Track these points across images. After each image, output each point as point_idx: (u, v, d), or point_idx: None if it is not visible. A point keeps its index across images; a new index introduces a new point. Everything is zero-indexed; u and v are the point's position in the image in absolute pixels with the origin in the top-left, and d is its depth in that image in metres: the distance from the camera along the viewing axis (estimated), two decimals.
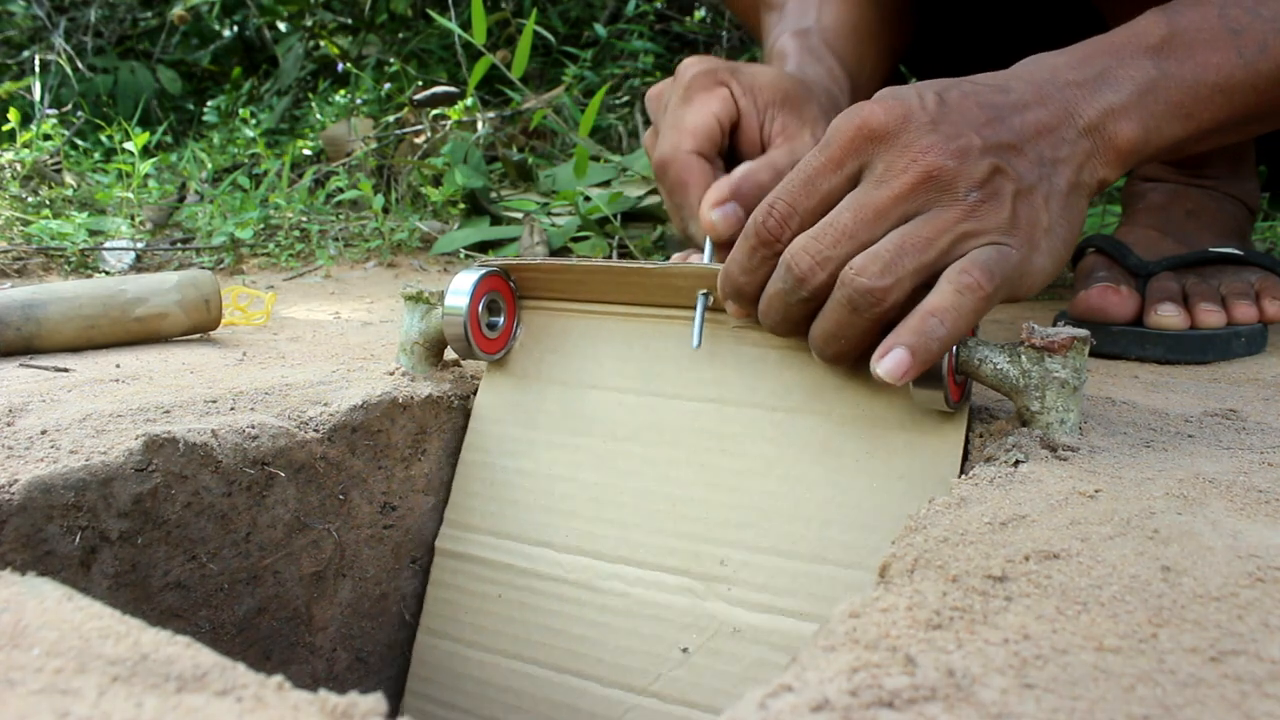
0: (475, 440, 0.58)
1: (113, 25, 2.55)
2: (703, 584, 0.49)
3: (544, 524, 0.54)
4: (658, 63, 2.18)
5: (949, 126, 0.44)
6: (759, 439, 0.50)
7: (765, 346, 0.52)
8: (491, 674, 0.53)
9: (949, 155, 0.43)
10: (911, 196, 0.43)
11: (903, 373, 0.41)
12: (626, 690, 0.49)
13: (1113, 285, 0.71)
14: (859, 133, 0.44)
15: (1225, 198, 0.82)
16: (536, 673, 0.52)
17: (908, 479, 0.46)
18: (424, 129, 1.77)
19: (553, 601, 0.52)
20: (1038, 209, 0.45)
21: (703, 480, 0.51)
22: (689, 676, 0.48)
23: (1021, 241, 0.44)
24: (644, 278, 0.53)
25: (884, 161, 0.44)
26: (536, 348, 0.57)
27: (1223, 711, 0.24)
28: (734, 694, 0.45)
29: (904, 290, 0.42)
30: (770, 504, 0.49)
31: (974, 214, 0.43)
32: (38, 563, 0.42)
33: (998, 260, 0.43)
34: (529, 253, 1.33)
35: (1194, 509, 0.36)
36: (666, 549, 0.50)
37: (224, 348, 0.71)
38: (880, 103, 0.45)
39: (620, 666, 0.49)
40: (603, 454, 0.54)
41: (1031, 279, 0.45)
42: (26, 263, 1.20)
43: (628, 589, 0.50)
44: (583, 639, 0.51)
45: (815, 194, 0.45)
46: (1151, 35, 0.50)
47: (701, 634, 0.48)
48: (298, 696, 0.25)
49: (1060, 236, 0.46)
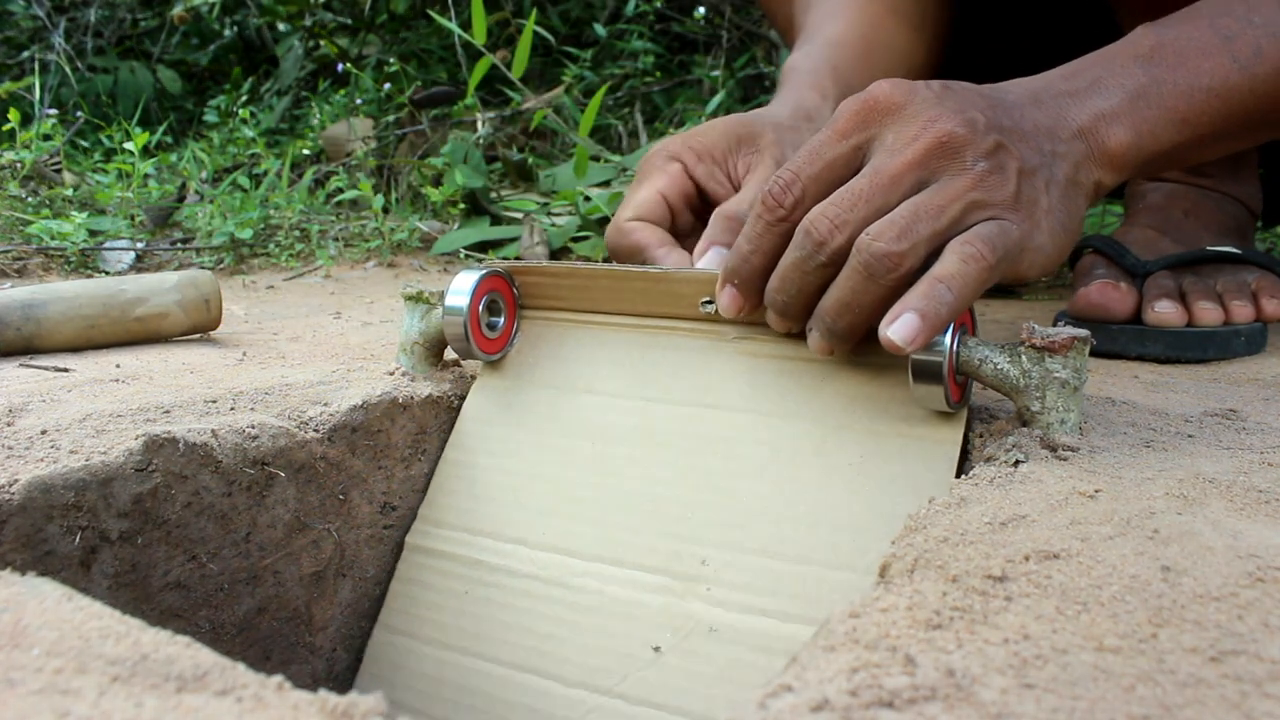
0: (459, 440, 0.57)
1: (113, 25, 2.55)
2: (681, 583, 0.47)
3: (520, 521, 0.53)
4: (658, 63, 2.18)
5: (954, 101, 0.45)
6: (751, 442, 0.49)
7: (763, 356, 0.51)
8: (447, 672, 0.51)
9: (958, 123, 0.44)
10: (924, 163, 0.44)
11: (913, 336, 0.41)
12: (591, 690, 0.46)
13: (1112, 281, 0.71)
14: (865, 106, 0.46)
15: (1225, 198, 0.82)
16: (495, 671, 0.49)
17: (901, 482, 0.45)
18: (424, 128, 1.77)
19: (520, 599, 0.50)
20: (1039, 190, 0.45)
21: (689, 482, 0.50)
22: (658, 676, 0.45)
23: (1023, 218, 0.44)
24: (648, 283, 0.53)
25: (894, 131, 0.45)
26: (532, 353, 0.57)
27: (1223, 711, 0.24)
28: (705, 695, 0.44)
29: (918, 256, 0.43)
30: (758, 505, 0.48)
31: (982, 184, 0.44)
32: (38, 563, 0.42)
33: (999, 234, 0.43)
34: (529, 253, 1.33)
35: (1194, 509, 0.36)
36: (646, 548, 0.49)
37: (224, 348, 0.71)
38: (887, 82, 0.46)
39: (586, 666, 0.47)
40: (589, 455, 0.53)
41: (1031, 257, 0.45)
42: (26, 263, 1.20)
43: (602, 587, 0.49)
44: (549, 637, 0.49)
45: (820, 160, 0.46)
46: (1141, 45, 0.51)
47: (676, 634, 0.46)
48: (298, 696, 0.25)
49: (1060, 222, 0.47)
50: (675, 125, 1.91)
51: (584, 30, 2.26)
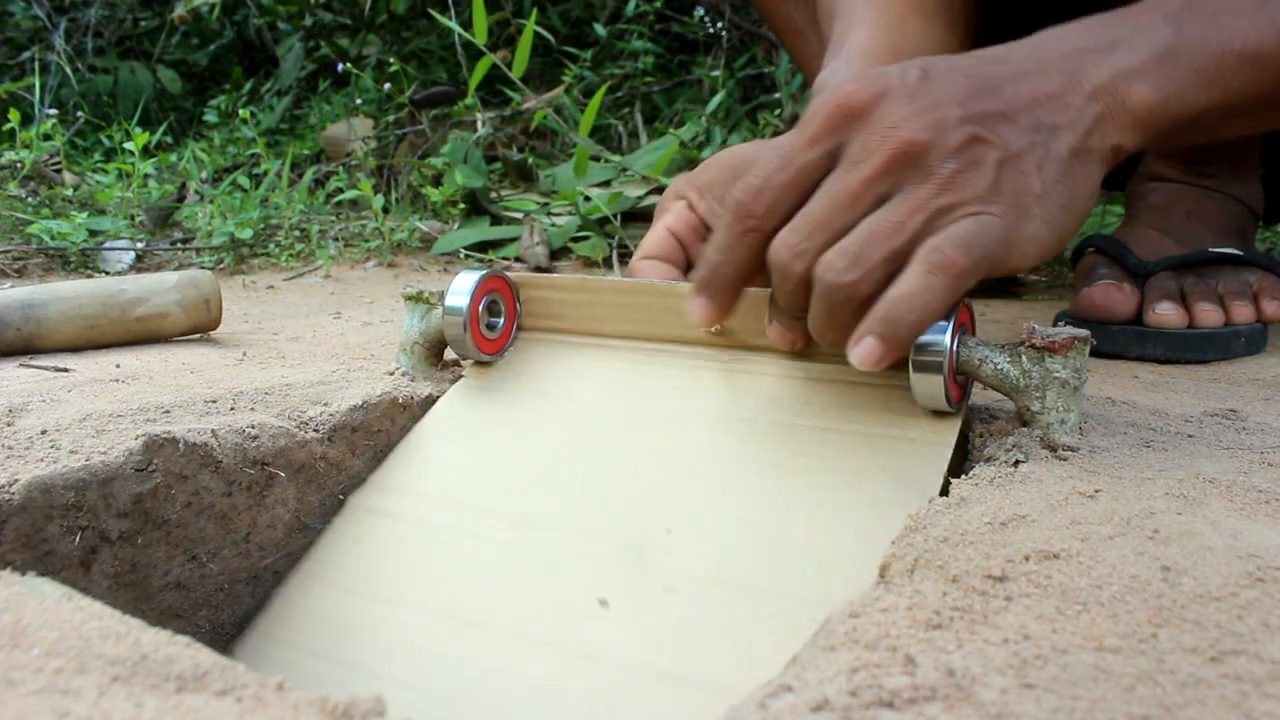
0: (430, 421, 0.55)
1: (113, 25, 2.55)
2: (640, 549, 0.44)
3: (479, 490, 0.50)
4: (658, 63, 2.18)
5: (925, 99, 0.43)
6: (737, 436, 0.49)
7: (758, 374, 0.51)
8: (361, 619, 0.47)
9: (921, 129, 0.42)
10: (883, 177, 0.42)
11: (875, 360, 0.41)
12: (520, 640, 0.42)
13: (1115, 283, 0.71)
14: (835, 110, 0.44)
15: (1227, 199, 0.82)
16: (415, 619, 0.45)
17: (886, 472, 0.44)
18: (424, 128, 1.77)
19: (461, 556, 0.47)
20: (1027, 175, 0.43)
21: (666, 466, 0.48)
22: (602, 630, 0.41)
23: (1007, 208, 0.42)
24: (653, 297, 0.53)
25: (858, 141, 0.43)
26: (522, 363, 0.57)
27: (1223, 711, 0.24)
28: (653, 648, 0.40)
29: (875, 280, 0.42)
30: (736, 487, 0.46)
31: (950, 186, 0.42)
32: (38, 563, 0.42)
33: (976, 232, 0.41)
34: (529, 253, 1.33)
35: (1194, 509, 0.36)
36: (609, 520, 0.46)
37: (224, 348, 0.71)
38: (859, 80, 0.44)
39: (521, 616, 0.43)
40: (565, 442, 0.51)
41: (1022, 248, 0.43)
42: (26, 263, 1.20)
43: (555, 547, 0.46)
44: (485, 591, 0.45)
45: (789, 168, 0.44)
46: (1170, 3, 0.48)
47: (628, 591, 0.43)
48: (298, 696, 0.25)
49: (1058, 203, 0.44)
50: (675, 125, 1.91)
51: (584, 30, 2.26)
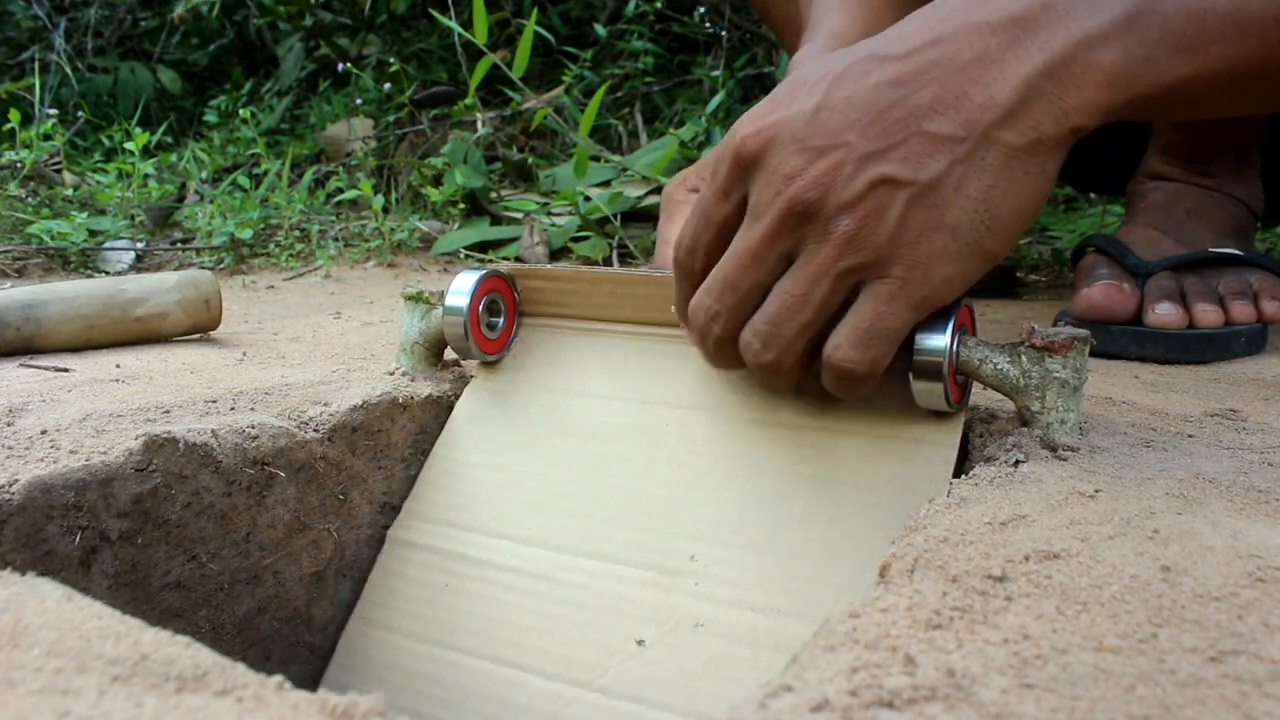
0: (450, 437, 0.57)
1: (113, 25, 2.55)
2: (668, 578, 0.46)
3: (507, 517, 0.52)
4: (658, 63, 2.18)
5: (822, 138, 0.40)
6: (747, 442, 0.49)
7: None
8: (421, 664, 0.50)
9: (812, 183, 0.40)
10: (781, 234, 0.41)
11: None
12: (569, 683, 0.45)
13: (1115, 283, 0.71)
14: (734, 161, 0.42)
15: (1227, 198, 0.82)
16: (471, 663, 0.48)
17: (898, 482, 0.45)
18: (424, 128, 1.77)
19: (503, 592, 0.50)
20: (942, 206, 0.39)
21: (682, 480, 0.49)
22: (640, 670, 0.44)
23: (907, 265, 0.40)
24: (650, 287, 0.53)
25: (755, 192, 0.42)
26: (528, 357, 0.57)
27: (1223, 711, 0.24)
28: (689, 689, 0.43)
29: (796, 353, 0.42)
30: (752, 503, 0.47)
31: (850, 247, 0.40)
32: (38, 563, 0.42)
33: (874, 318, 0.40)
34: (529, 253, 1.33)
35: (1194, 509, 0.36)
36: (634, 544, 0.48)
37: (224, 348, 0.71)
38: (753, 119, 0.42)
39: (566, 659, 0.46)
40: (581, 454, 0.52)
41: (938, 295, 0.41)
42: (26, 263, 1.20)
43: (587, 581, 0.48)
44: (529, 630, 0.48)
45: (711, 225, 0.44)
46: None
47: (661, 627, 0.45)
48: (298, 696, 0.25)
49: (983, 225, 0.40)
50: (675, 125, 1.91)
51: (584, 30, 2.26)
